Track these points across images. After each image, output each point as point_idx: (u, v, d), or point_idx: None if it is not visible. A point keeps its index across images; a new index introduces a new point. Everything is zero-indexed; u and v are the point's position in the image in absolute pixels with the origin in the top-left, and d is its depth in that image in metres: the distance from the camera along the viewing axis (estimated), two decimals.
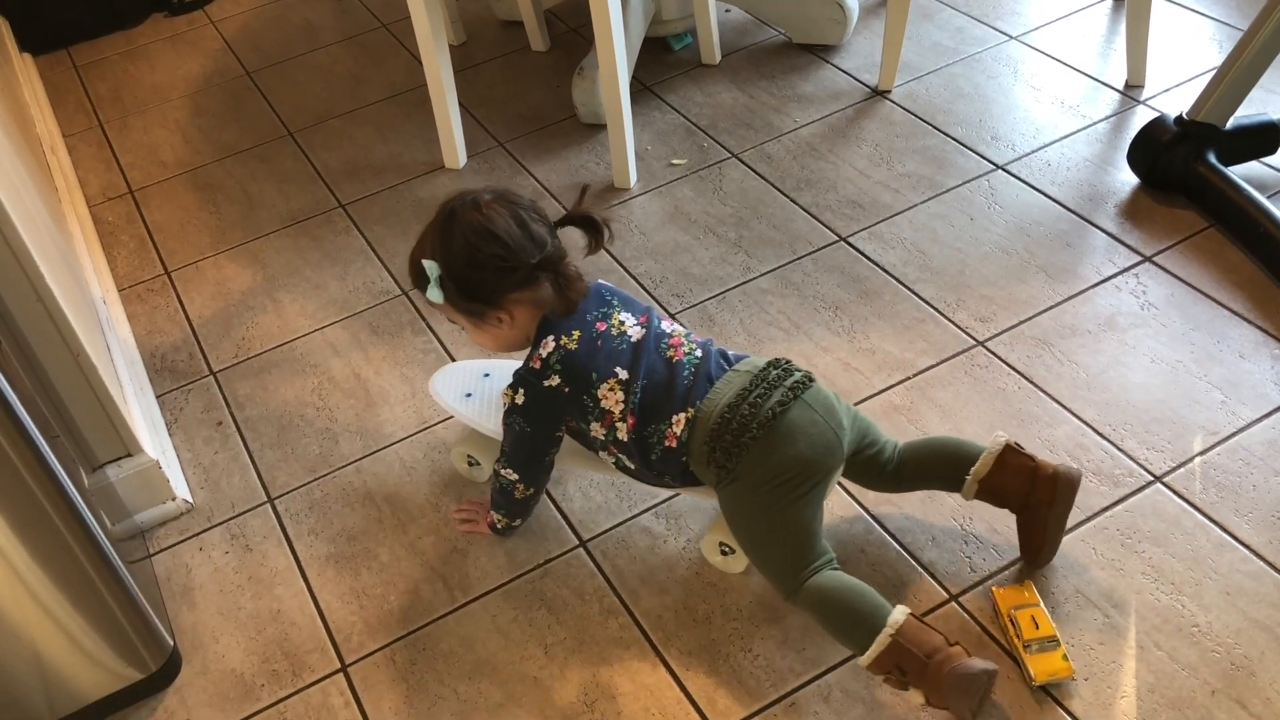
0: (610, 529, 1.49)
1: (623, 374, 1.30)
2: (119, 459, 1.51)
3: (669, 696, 1.29)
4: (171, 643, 1.39)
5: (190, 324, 1.93)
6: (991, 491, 1.33)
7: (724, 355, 1.35)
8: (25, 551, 1.18)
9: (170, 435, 1.72)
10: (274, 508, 1.59)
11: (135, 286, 2.03)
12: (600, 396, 1.30)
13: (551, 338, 1.31)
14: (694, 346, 1.34)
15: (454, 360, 1.77)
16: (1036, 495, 1.30)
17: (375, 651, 1.39)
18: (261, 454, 1.67)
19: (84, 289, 1.76)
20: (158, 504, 1.57)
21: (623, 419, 1.30)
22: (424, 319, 1.85)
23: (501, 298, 1.30)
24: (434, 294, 1.30)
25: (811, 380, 1.30)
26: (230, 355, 1.85)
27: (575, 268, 1.33)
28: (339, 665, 1.38)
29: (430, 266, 1.29)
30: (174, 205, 2.21)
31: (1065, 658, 1.24)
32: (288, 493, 1.61)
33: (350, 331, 1.86)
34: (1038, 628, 1.26)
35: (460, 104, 2.21)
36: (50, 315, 1.35)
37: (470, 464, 1.56)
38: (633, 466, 1.35)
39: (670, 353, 1.32)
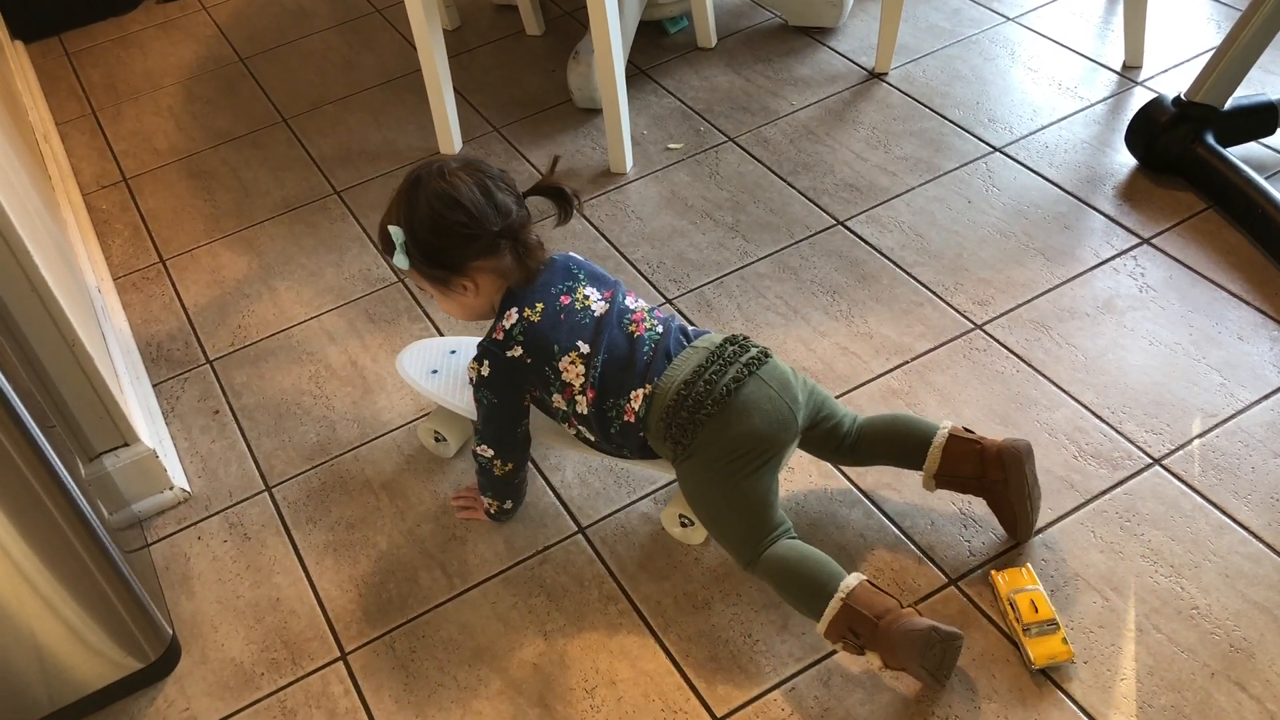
0: (609, 515, 1.48)
1: (584, 348, 1.31)
2: (116, 448, 1.51)
3: (669, 682, 1.29)
4: (170, 632, 1.39)
5: (186, 312, 1.92)
6: (948, 481, 1.35)
7: (684, 332, 1.36)
8: (23, 542, 1.17)
9: (167, 424, 1.71)
10: (272, 496, 1.59)
11: (130, 275, 2.02)
12: (561, 369, 1.31)
13: (515, 309, 1.32)
14: (655, 323, 1.35)
15: None
16: (990, 475, 1.31)
17: (375, 639, 1.39)
18: (259, 442, 1.67)
19: (78, 278, 1.75)
20: (155, 493, 1.57)
21: (583, 392, 1.31)
22: (420, 305, 1.85)
23: (465, 265, 1.31)
24: (400, 260, 1.32)
25: (768, 356, 1.32)
26: (226, 343, 1.84)
27: (536, 237, 1.35)
28: (339, 653, 1.38)
29: (396, 232, 1.31)
30: (168, 193, 2.20)
31: (1065, 641, 1.24)
32: (285, 481, 1.60)
33: (347, 319, 1.85)
34: (1037, 611, 1.26)
35: (455, 89, 2.20)
36: (45, 305, 1.34)
37: (437, 439, 1.57)
38: (592, 439, 1.37)
39: (632, 328, 1.34)
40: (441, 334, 1.79)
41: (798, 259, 1.82)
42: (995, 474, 1.31)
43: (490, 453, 1.39)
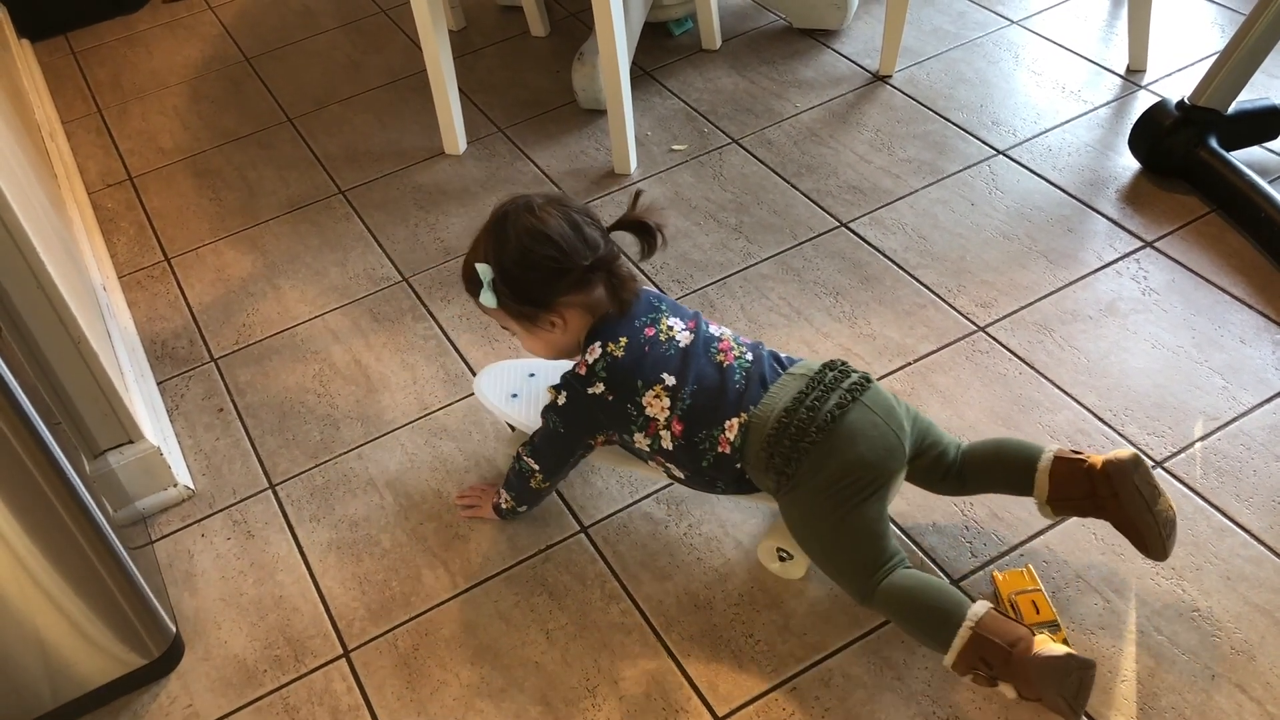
0: (612, 515, 1.49)
1: (670, 380, 1.28)
2: (120, 446, 1.52)
3: (670, 681, 1.30)
4: (174, 629, 1.40)
5: (191, 310, 1.93)
6: (1064, 506, 1.28)
7: (776, 358, 1.32)
8: (28, 538, 1.18)
9: (171, 422, 1.72)
10: (275, 494, 1.59)
11: (135, 273, 2.02)
12: (645, 404, 1.28)
13: (599, 344, 1.29)
14: (744, 350, 1.32)
15: (455, 348, 1.77)
16: (1100, 493, 1.24)
17: (377, 637, 1.39)
18: (263, 440, 1.67)
19: (84, 276, 1.76)
20: (159, 490, 1.57)
21: (668, 426, 1.28)
22: (424, 305, 1.85)
23: (554, 300, 1.29)
24: (486, 298, 1.29)
25: (870, 381, 1.28)
26: (231, 342, 1.85)
27: (628, 268, 1.32)
28: (341, 651, 1.39)
29: (484, 270, 1.28)
30: (173, 192, 2.21)
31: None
32: (289, 479, 1.61)
33: (351, 318, 1.85)
34: (1038, 612, 1.26)
35: (460, 89, 2.20)
36: (51, 302, 1.35)
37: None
38: (682, 475, 1.33)
39: (720, 357, 1.30)
40: (447, 334, 1.79)
41: (801, 260, 1.83)
42: (1105, 491, 1.23)
43: (536, 466, 1.38)
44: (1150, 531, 1.23)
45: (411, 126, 2.28)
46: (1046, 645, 1.13)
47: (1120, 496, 1.23)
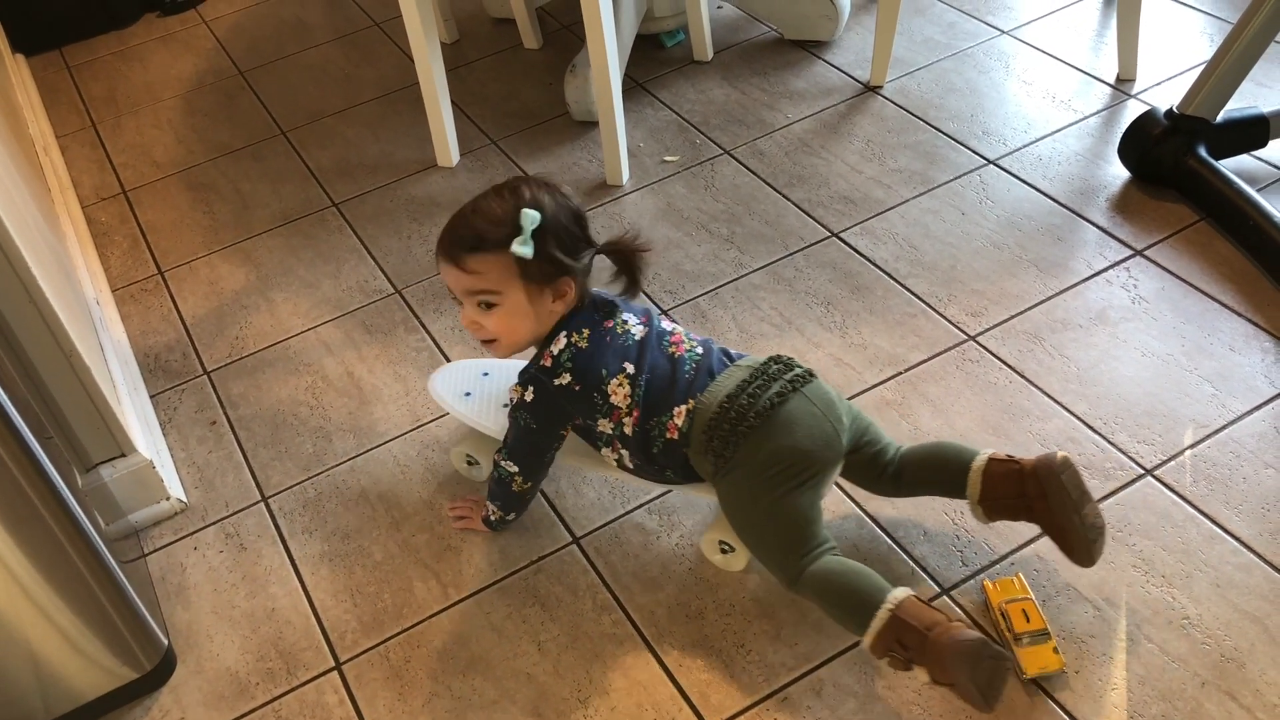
0: (603, 525, 1.49)
1: (630, 368, 1.31)
2: (113, 459, 1.52)
3: (662, 692, 1.30)
4: (166, 642, 1.40)
5: (184, 324, 1.93)
6: (995, 508, 1.31)
7: (726, 352, 1.37)
8: (19, 552, 1.18)
9: (164, 435, 1.72)
10: (268, 507, 1.59)
11: (129, 286, 2.03)
12: (609, 392, 1.31)
13: (564, 334, 1.32)
14: (694, 344, 1.36)
15: (447, 359, 1.77)
16: (1028, 493, 1.28)
17: (369, 649, 1.39)
18: (255, 453, 1.67)
19: (77, 289, 1.76)
20: (152, 504, 1.58)
21: (629, 413, 1.31)
22: (417, 317, 1.86)
23: (577, 267, 1.32)
24: (521, 248, 1.25)
25: (812, 376, 1.32)
26: (224, 355, 1.85)
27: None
28: (333, 663, 1.39)
29: (530, 216, 1.25)
30: (167, 205, 2.22)
31: (1056, 651, 1.25)
32: (281, 491, 1.61)
33: (344, 330, 1.86)
34: (1028, 621, 1.27)
35: (453, 102, 2.21)
36: (42, 316, 1.35)
37: (469, 463, 1.56)
38: (633, 464, 1.36)
39: (672, 349, 1.34)
40: (439, 346, 1.80)
41: (792, 270, 1.83)
42: (1034, 489, 1.26)
43: (514, 469, 1.39)
44: (1076, 535, 1.25)
45: (404, 139, 2.29)
46: (961, 631, 1.15)
47: (1048, 497, 1.25)
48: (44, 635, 1.25)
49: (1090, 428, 1.52)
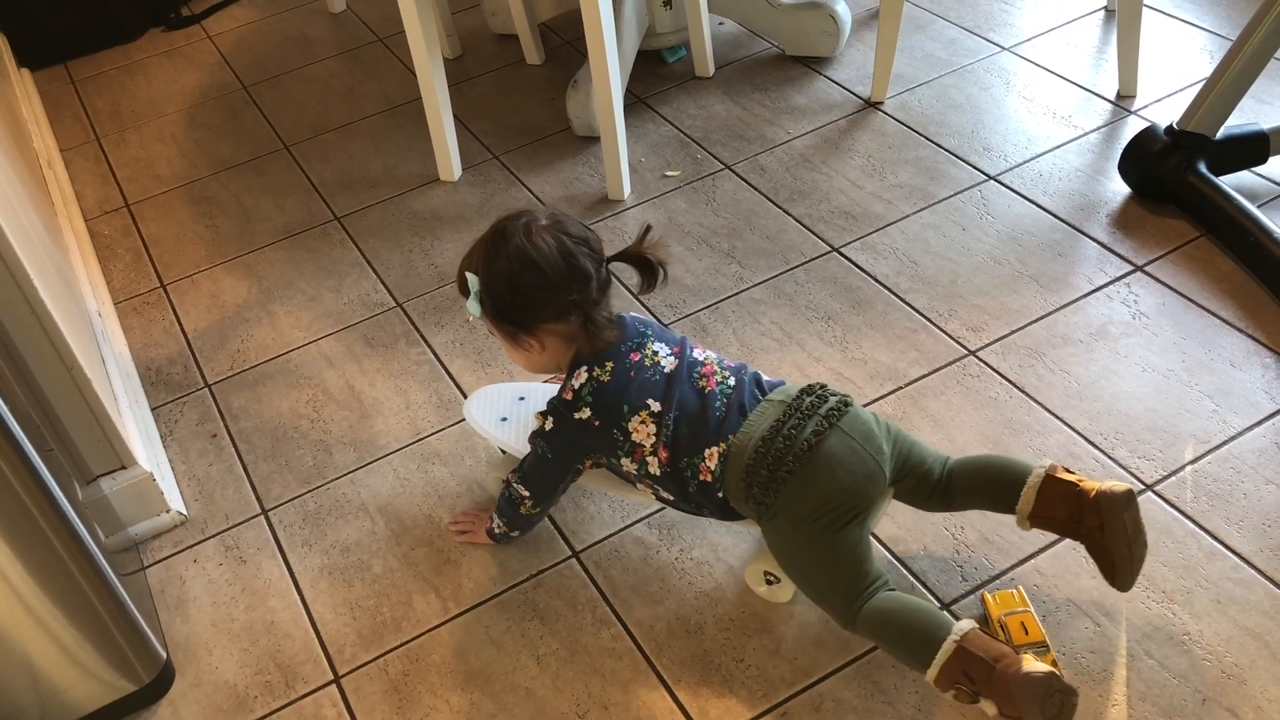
0: (603, 539, 1.49)
1: (655, 406, 1.28)
2: (113, 471, 1.52)
3: (661, 707, 1.30)
4: (165, 655, 1.39)
5: (185, 337, 1.93)
6: (1044, 523, 1.28)
7: (758, 382, 1.32)
8: (19, 564, 1.18)
9: (165, 448, 1.72)
10: (268, 520, 1.59)
11: (131, 299, 2.03)
12: (631, 430, 1.28)
13: (584, 369, 1.30)
14: (727, 375, 1.32)
15: (448, 373, 1.77)
16: (1086, 522, 1.23)
17: (368, 663, 1.39)
18: (256, 466, 1.67)
19: (79, 302, 1.76)
20: (152, 516, 1.58)
21: (654, 453, 1.28)
22: (418, 331, 1.86)
23: (535, 326, 1.29)
24: (472, 307, 1.30)
25: (849, 405, 1.27)
26: (225, 368, 1.85)
27: (608, 315, 1.31)
28: (332, 676, 1.39)
29: (472, 280, 1.29)
30: (170, 219, 2.22)
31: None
32: (281, 504, 1.61)
33: (345, 344, 1.86)
34: (1027, 633, 1.26)
35: (455, 117, 2.22)
36: (44, 328, 1.35)
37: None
38: (671, 498, 1.34)
39: (702, 383, 1.30)
40: (440, 360, 1.80)
41: (793, 285, 1.84)
42: (1092, 520, 1.22)
43: (526, 493, 1.38)
44: (1124, 565, 1.24)
45: (407, 153, 2.29)
46: (1031, 663, 1.12)
47: (1106, 529, 1.22)
48: (42, 647, 1.25)
49: (1091, 443, 1.51)
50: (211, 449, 1.71)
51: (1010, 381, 1.62)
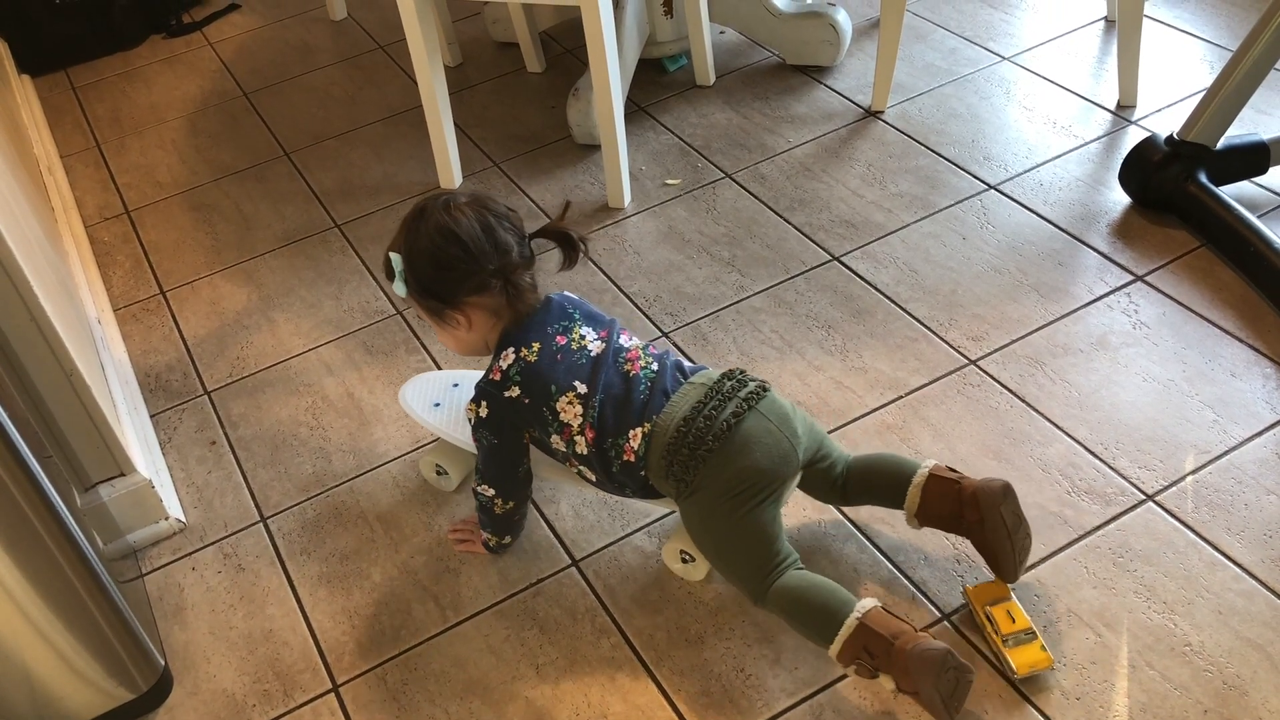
0: (602, 548, 1.49)
1: (581, 388, 1.31)
2: (112, 478, 1.51)
3: (660, 716, 1.29)
4: (163, 662, 1.39)
5: (185, 343, 1.93)
6: (930, 520, 1.34)
7: (680, 368, 1.37)
8: (17, 571, 1.18)
9: (164, 455, 1.72)
10: (267, 527, 1.59)
11: (130, 306, 2.03)
12: (559, 409, 1.31)
13: (512, 349, 1.33)
14: (650, 360, 1.36)
15: None
16: (966, 516, 1.30)
17: (367, 671, 1.39)
18: (255, 473, 1.67)
19: (79, 308, 1.76)
20: (150, 523, 1.57)
21: (581, 432, 1.31)
22: (418, 338, 1.86)
23: (458, 299, 1.33)
24: (398, 287, 1.34)
25: (766, 390, 1.32)
26: (224, 374, 1.85)
27: (530, 280, 1.36)
28: (330, 685, 1.38)
29: (396, 259, 1.33)
30: (170, 225, 2.22)
31: (1044, 648, 1.26)
32: (280, 512, 1.61)
33: (344, 351, 1.86)
34: (1014, 621, 1.28)
35: (456, 124, 2.22)
36: (43, 334, 1.35)
37: (439, 473, 1.57)
38: (593, 478, 1.37)
39: (627, 367, 1.34)
40: (440, 367, 1.80)
41: (793, 294, 1.83)
42: (971, 514, 1.29)
43: (491, 492, 1.39)
44: (1006, 557, 1.29)
45: (407, 161, 2.29)
46: (926, 639, 1.17)
47: (985, 523, 1.28)
48: (40, 655, 1.24)
49: (1091, 453, 1.51)
50: (210, 456, 1.71)
51: (1011, 391, 1.62)
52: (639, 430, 1.30)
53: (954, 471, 1.33)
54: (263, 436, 1.73)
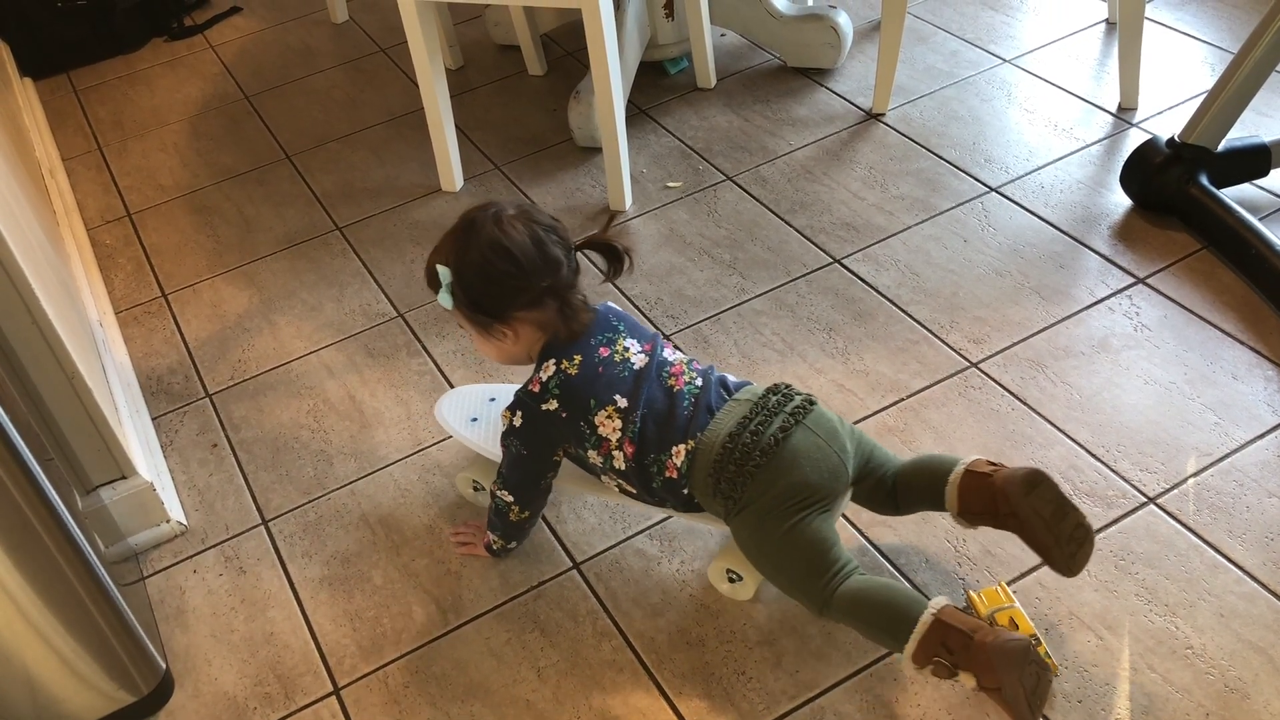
0: (604, 551, 1.48)
1: (621, 402, 1.29)
2: (113, 481, 1.52)
3: (661, 719, 1.29)
4: (164, 665, 1.39)
5: (186, 346, 1.93)
6: (976, 520, 1.30)
7: (724, 384, 1.34)
8: (18, 574, 1.18)
9: (165, 457, 1.72)
10: (268, 530, 1.59)
11: (132, 309, 2.03)
12: (597, 424, 1.29)
13: (552, 361, 1.31)
14: (694, 375, 1.33)
15: (450, 383, 1.77)
16: (1001, 511, 1.25)
17: (368, 674, 1.39)
18: (256, 476, 1.67)
19: (80, 311, 1.76)
20: (152, 526, 1.57)
21: (619, 447, 1.29)
22: (419, 341, 1.86)
23: (508, 314, 1.31)
24: (444, 299, 1.31)
25: (813, 404, 1.30)
26: (226, 377, 1.85)
27: (582, 298, 1.34)
28: (332, 688, 1.38)
29: (444, 272, 1.30)
30: (171, 228, 2.22)
31: (1048, 655, 1.25)
32: (282, 515, 1.61)
33: (346, 354, 1.86)
34: (1017, 628, 1.27)
35: (457, 127, 2.22)
36: (45, 337, 1.35)
37: (475, 489, 1.55)
38: (634, 491, 1.35)
39: (671, 381, 1.32)
40: (441, 370, 1.80)
41: (794, 296, 1.84)
42: (1004, 508, 1.24)
43: (510, 498, 1.38)
44: (1050, 551, 1.23)
45: (409, 164, 2.29)
46: (1007, 633, 1.13)
47: (1019, 516, 1.23)
48: (41, 658, 1.25)
49: (1093, 455, 1.51)
50: (212, 459, 1.71)
51: (1012, 393, 1.62)
52: (682, 447, 1.28)
53: (993, 464, 1.27)
54: (264, 439, 1.73)
